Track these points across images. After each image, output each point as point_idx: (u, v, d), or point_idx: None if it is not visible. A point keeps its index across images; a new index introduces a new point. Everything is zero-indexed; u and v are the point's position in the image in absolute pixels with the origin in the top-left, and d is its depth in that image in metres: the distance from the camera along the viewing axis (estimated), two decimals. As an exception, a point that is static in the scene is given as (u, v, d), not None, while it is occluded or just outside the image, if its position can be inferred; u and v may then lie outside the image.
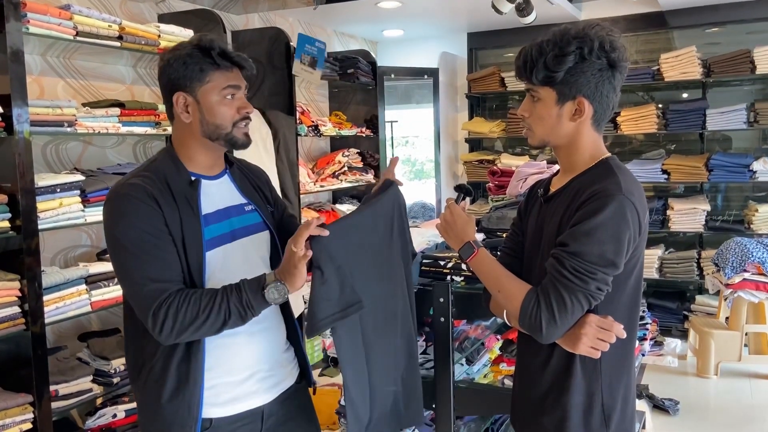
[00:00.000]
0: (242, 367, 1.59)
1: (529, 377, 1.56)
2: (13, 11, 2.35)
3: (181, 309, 1.41)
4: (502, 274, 1.50)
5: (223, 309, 1.43)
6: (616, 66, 1.43)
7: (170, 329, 1.42)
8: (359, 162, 5.01)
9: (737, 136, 5.20)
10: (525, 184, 2.92)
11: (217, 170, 1.64)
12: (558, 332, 1.40)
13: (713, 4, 4.91)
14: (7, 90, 2.34)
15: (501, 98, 6.03)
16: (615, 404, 1.47)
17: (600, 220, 1.35)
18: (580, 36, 1.40)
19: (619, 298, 1.45)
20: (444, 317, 2.13)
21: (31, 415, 2.42)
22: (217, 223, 1.56)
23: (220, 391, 1.56)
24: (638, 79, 5.06)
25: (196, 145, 1.57)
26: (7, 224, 2.38)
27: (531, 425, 1.55)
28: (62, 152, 3.11)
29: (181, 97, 1.53)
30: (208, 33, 1.86)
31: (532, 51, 1.45)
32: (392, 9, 4.74)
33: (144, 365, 1.54)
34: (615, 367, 1.48)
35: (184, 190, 1.52)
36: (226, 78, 1.53)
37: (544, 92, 1.45)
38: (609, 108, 1.47)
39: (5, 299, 2.37)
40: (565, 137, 1.48)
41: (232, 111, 1.54)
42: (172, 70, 1.52)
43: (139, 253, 1.44)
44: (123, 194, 1.47)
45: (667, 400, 3.83)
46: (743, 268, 4.17)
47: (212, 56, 1.50)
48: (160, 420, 1.52)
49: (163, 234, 1.46)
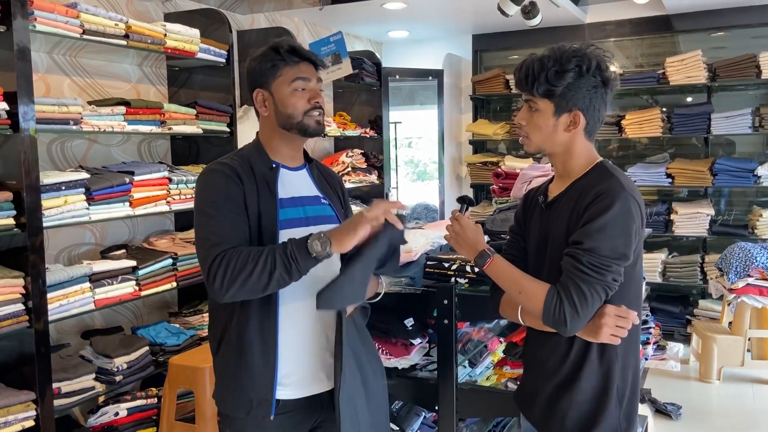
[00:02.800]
0: (309, 352, 1.68)
1: (546, 370, 1.64)
2: (20, 9, 2.35)
3: (232, 260, 1.51)
4: (520, 276, 1.59)
5: (269, 260, 1.50)
6: (608, 84, 1.58)
7: (221, 280, 1.50)
8: (363, 163, 5.01)
9: (742, 140, 5.19)
10: (529, 187, 2.92)
11: (297, 163, 1.77)
12: (581, 324, 1.51)
13: (719, 8, 4.90)
14: (14, 87, 2.35)
15: (505, 100, 6.02)
16: (626, 385, 1.60)
17: (609, 217, 1.48)
18: (579, 55, 1.54)
19: (628, 287, 1.57)
20: (448, 319, 2.13)
21: (34, 413, 2.42)
22: (291, 207, 1.68)
23: (289, 372, 1.65)
24: (643, 82, 5.05)
25: (276, 136, 1.72)
26: (12, 221, 2.38)
27: (546, 412, 1.64)
28: (67, 150, 3.12)
29: (259, 93, 1.70)
30: (284, 36, 1.95)
31: (533, 65, 1.56)
32: (397, 10, 4.74)
33: (223, 336, 1.65)
34: (626, 352, 1.59)
35: (265, 174, 1.66)
36: (295, 71, 1.67)
37: (542, 104, 1.57)
38: (599, 121, 1.61)
39: (9, 296, 2.37)
40: (560, 146, 1.61)
41: (302, 101, 1.67)
42: (251, 71, 1.70)
43: (213, 214, 1.58)
44: (211, 169, 1.65)
45: (670, 404, 3.82)
46: (747, 273, 4.16)
47: (281, 53, 1.66)
48: (239, 387, 1.62)
49: (237, 204, 1.59)
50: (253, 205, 1.61)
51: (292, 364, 1.66)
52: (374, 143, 5.14)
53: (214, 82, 3.59)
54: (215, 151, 3.57)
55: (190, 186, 3.22)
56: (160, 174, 3.09)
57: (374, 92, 5.13)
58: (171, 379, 2.83)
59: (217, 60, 3.43)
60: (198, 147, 3.63)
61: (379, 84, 5.07)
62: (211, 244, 1.54)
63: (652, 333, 3.25)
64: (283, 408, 1.66)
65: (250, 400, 1.62)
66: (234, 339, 1.63)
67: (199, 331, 3.32)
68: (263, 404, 1.62)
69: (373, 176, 5.04)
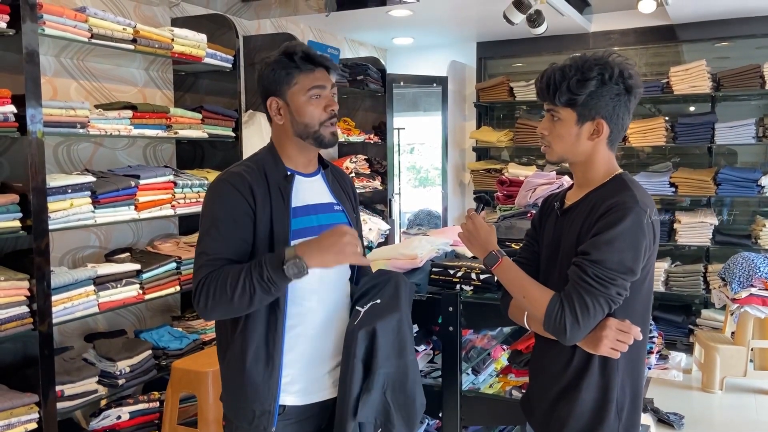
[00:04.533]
0: (317, 360, 1.68)
1: (549, 377, 1.65)
2: (29, 12, 2.36)
3: (212, 285, 1.53)
4: (526, 281, 1.59)
5: (247, 286, 1.51)
6: (632, 92, 1.56)
7: (205, 304, 1.54)
8: (366, 168, 5.02)
9: (745, 150, 5.19)
10: (534, 195, 2.92)
11: (311, 169, 1.76)
12: (581, 334, 1.50)
13: (723, 18, 4.91)
14: (22, 90, 2.35)
15: (509, 108, 6.03)
16: (626, 399, 1.59)
17: (619, 231, 1.47)
18: (601, 63, 1.53)
19: (635, 302, 1.56)
20: (453, 326, 2.13)
21: (37, 415, 2.41)
22: (305, 216, 1.68)
23: (295, 379, 1.66)
24: (647, 91, 5.04)
25: (291, 144, 1.70)
26: (17, 224, 2.38)
27: (546, 419, 1.65)
28: (73, 153, 3.13)
29: (273, 101, 1.67)
30: (296, 40, 1.91)
31: (555, 75, 1.56)
32: (403, 17, 4.75)
33: (229, 346, 1.65)
34: (628, 367, 1.59)
35: (279, 183, 1.65)
36: (311, 79, 1.65)
37: (565, 113, 1.57)
38: (623, 129, 1.61)
39: (14, 298, 2.37)
40: (582, 155, 1.60)
41: (319, 110, 1.66)
42: (264, 78, 1.67)
43: (213, 229, 1.59)
44: (222, 180, 1.64)
45: (672, 414, 3.81)
46: (750, 282, 4.15)
47: (295, 60, 1.63)
48: (243, 398, 1.63)
49: (241, 219, 1.59)
50: (265, 214, 1.61)
51: (297, 372, 1.66)
52: (378, 149, 5.15)
53: (219, 87, 3.60)
54: (220, 156, 3.58)
55: (195, 190, 3.23)
56: (166, 178, 3.10)
57: (378, 98, 5.15)
58: (173, 383, 2.83)
59: (223, 65, 3.44)
60: (203, 151, 3.64)
61: (383, 90, 5.08)
62: (202, 263, 1.57)
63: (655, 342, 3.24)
64: (288, 414, 1.66)
65: (253, 411, 1.63)
66: (238, 349, 1.63)
67: (202, 335, 3.32)
68: (265, 415, 1.62)
69: (376, 182, 5.04)
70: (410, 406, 1.68)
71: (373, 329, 1.62)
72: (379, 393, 1.62)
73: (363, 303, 1.70)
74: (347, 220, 1.75)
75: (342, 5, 4.16)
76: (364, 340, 1.62)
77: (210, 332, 3.36)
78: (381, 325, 1.63)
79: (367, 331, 1.62)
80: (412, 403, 1.68)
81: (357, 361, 1.61)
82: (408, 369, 1.68)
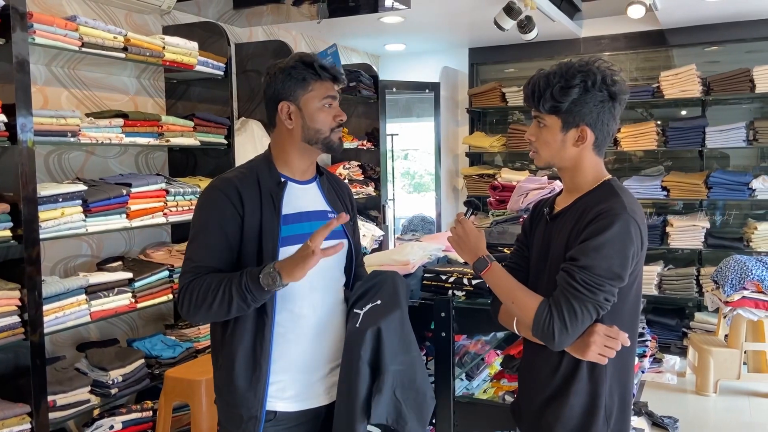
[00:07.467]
0: (310, 366, 1.69)
1: (537, 382, 1.65)
2: (19, 22, 2.36)
3: (194, 292, 1.58)
4: (515, 286, 1.60)
5: (226, 293, 1.55)
6: (616, 98, 1.57)
7: (187, 309, 1.60)
8: (360, 175, 5.02)
9: (736, 153, 5.23)
10: (526, 199, 2.92)
11: (308, 176, 1.78)
12: (569, 340, 1.51)
13: (713, 23, 4.95)
14: (12, 99, 2.35)
15: (502, 113, 6.05)
16: (614, 404, 1.59)
17: (607, 237, 1.48)
18: (584, 70, 1.54)
19: (622, 308, 1.57)
20: (445, 332, 2.12)
21: (29, 426, 2.40)
22: (296, 223, 1.68)
23: (287, 386, 1.67)
24: (638, 96, 5.08)
25: (294, 150, 1.72)
26: (8, 233, 2.38)
27: (534, 424, 1.65)
28: (65, 162, 3.12)
29: (285, 105, 1.69)
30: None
31: (539, 82, 1.57)
32: (395, 24, 4.77)
33: (220, 351, 1.68)
34: (617, 372, 1.59)
35: (271, 189, 1.67)
36: (326, 88, 1.70)
37: (550, 120, 1.58)
38: (609, 135, 1.61)
39: (5, 308, 2.36)
40: (569, 160, 1.61)
41: (329, 118, 1.71)
42: (277, 82, 1.69)
43: (200, 235, 1.64)
44: (212, 186, 1.67)
45: (666, 417, 3.81)
46: (743, 285, 4.16)
47: (314, 68, 1.68)
48: (232, 403, 1.64)
49: (227, 227, 1.62)
50: (254, 221, 1.62)
51: (289, 378, 1.66)
52: (371, 155, 5.16)
53: (211, 95, 3.60)
54: (212, 163, 3.58)
55: (187, 198, 3.22)
56: (158, 186, 3.09)
57: (371, 105, 5.16)
58: (167, 392, 2.81)
59: (215, 72, 3.45)
60: (195, 159, 3.63)
61: (376, 96, 5.09)
62: (187, 269, 1.62)
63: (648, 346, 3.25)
64: (280, 420, 1.66)
65: (240, 416, 1.63)
66: (227, 354, 1.64)
67: (195, 343, 3.31)
68: (252, 421, 1.63)
69: (370, 188, 5.05)
70: (421, 401, 1.69)
71: (378, 329, 1.63)
72: (390, 392, 1.63)
73: (361, 305, 1.70)
74: (341, 228, 1.75)
75: (334, 12, 4.17)
76: (371, 341, 1.62)
77: (203, 340, 3.35)
78: (385, 324, 1.64)
79: (373, 332, 1.62)
80: (423, 398, 1.69)
81: (363, 363, 1.61)
82: (415, 364, 1.69)
